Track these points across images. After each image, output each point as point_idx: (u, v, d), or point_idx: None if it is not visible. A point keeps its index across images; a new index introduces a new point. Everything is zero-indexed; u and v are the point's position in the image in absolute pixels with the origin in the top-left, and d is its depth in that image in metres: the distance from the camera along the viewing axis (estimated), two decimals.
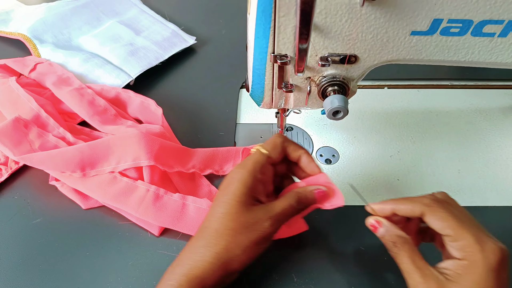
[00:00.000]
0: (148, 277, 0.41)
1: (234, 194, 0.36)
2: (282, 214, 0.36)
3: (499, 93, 0.63)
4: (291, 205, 0.37)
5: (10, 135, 0.47)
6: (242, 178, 0.36)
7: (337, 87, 0.37)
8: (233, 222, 0.35)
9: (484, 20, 0.32)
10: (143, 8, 0.76)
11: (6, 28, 0.68)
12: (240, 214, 0.35)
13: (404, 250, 0.33)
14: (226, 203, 0.36)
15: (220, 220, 0.35)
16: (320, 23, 0.33)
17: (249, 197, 0.36)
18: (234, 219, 0.35)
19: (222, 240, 0.35)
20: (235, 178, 0.37)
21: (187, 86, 0.63)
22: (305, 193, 0.38)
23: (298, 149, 0.40)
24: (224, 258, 0.34)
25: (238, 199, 0.35)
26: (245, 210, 0.35)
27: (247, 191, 0.36)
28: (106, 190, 0.45)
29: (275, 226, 0.36)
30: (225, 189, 0.37)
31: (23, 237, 0.44)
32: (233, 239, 0.35)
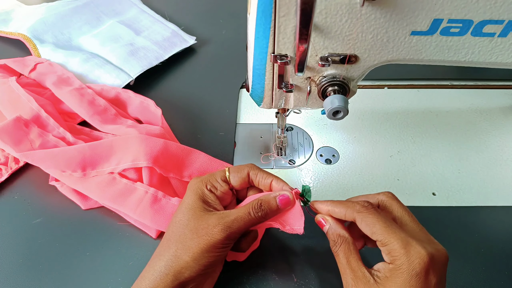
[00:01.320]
0: None
1: (187, 202, 0.36)
2: (235, 221, 0.35)
3: (499, 93, 0.63)
4: (249, 212, 0.35)
5: (11, 134, 0.47)
6: (194, 188, 0.37)
7: (337, 87, 0.37)
8: (183, 228, 0.35)
9: (484, 20, 0.32)
10: (143, 8, 0.76)
11: (6, 28, 0.68)
12: (190, 220, 0.35)
13: (342, 250, 0.33)
14: (180, 212, 0.36)
15: (172, 229, 0.36)
16: (320, 23, 0.33)
17: (200, 204, 0.36)
18: (184, 225, 0.35)
19: (172, 246, 0.34)
20: (188, 188, 0.38)
21: (187, 86, 0.63)
22: (267, 198, 0.36)
23: (268, 177, 0.38)
24: (173, 267, 0.34)
25: (189, 206, 0.36)
26: (196, 217, 0.35)
27: (199, 198, 0.36)
28: (105, 191, 0.45)
29: (226, 232, 0.34)
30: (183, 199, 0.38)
31: (23, 237, 0.44)
32: (182, 245, 0.34)
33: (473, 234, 0.45)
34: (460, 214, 0.47)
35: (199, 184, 0.38)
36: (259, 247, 0.43)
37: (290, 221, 0.37)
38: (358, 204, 0.34)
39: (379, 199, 0.35)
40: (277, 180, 0.38)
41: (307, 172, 0.51)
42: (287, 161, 0.53)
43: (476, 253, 0.43)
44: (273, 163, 0.53)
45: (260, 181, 0.38)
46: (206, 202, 0.37)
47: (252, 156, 0.53)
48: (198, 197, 0.37)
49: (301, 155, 0.54)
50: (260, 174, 0.38)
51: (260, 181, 0.38)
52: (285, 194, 0.36)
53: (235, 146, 0.55)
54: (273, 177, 0.38)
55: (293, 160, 0.53)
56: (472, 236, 0.45)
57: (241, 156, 0.53)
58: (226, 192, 0.38)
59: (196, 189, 0.37)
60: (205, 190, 0.37)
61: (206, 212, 0.35)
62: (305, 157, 0.53)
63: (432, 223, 0.45)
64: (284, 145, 0.54)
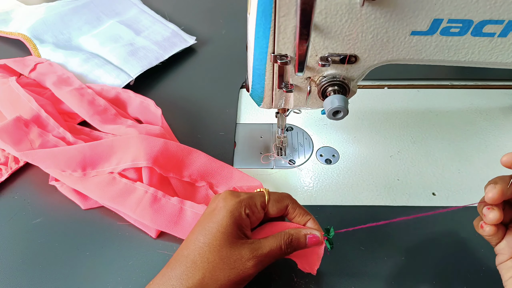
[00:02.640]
0: (148, 277, 0.41)
1: (220, 224, 0.32)
2: (268, 255, 0.33)
3: (499, 93, 0.63)
4: (280, 246, 0.33)
5: (11, 134, 0.47)
6: (231, 208, 0.33)
7: (337, 87, 0.37)
8: (214, 254, 0.32)
9: (484, 20, 0.32)
10: (143, 8, 0.76)
11: (6, 28, 0.68)
12: (222, 247, 0.32)
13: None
14: (209, 232, 0.32)
15: (199, 251, 0.32)
16: (320, 23, 0.33)
17: (235, 229, 0.33)
18: (215, 251, 0.32)
19: (198, 273, 0.31)
20: (223, 206, 0.33)
21: (187, 86, 0.63)
22: (298, 235, 0.34)
23: (306, 216, 0.36)
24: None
25: (223, 230, 0.32)
26: (229, 244, 0.32)
27: (234, 222, 0.33)
28: (105, 190, 0.45)
29: (259, 267, 0.32)
30: (210, 215, 0.33)
31: (23, 237, 0.44)
32: (210, 274, 0.31)
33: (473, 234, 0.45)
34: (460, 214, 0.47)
35: (237, 206, 0.33)
36: None
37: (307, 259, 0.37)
38: None
39: None
40: (313, 221, 0.36)
41: (307, 172, 0.51)
42: (287, 161, 0.53)
43: (476, 253, 0.43)
44: (273, 163, 0.53)
45: (297, 218, 0.36)
46: (241, 227, 0.33)
47: (252, 156, 0.53)
48: (234, 220, 0.33)
49: (301, 155, 0.54)
50: (298, 211, 0.36)
51: (297, 218, 0.36)
52: (316, 234, 0.35)
53: (235, 146, 0.55)
54: (311, 217, 0.36)
55: (293, 160, 0.53)
56: (472, 236, 0.45)
57: (241, 156, 0.53)
58: (259, 218, 0.36)
59: (233, 211, 0.33)
60: (243, 213, 0.33)
61: (239, 240, 0.32)
62: (305, 157, 0.53)
63: (432, 223, 0.45)
64: (284, 145, 0.54)
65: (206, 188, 0.47)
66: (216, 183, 0.48)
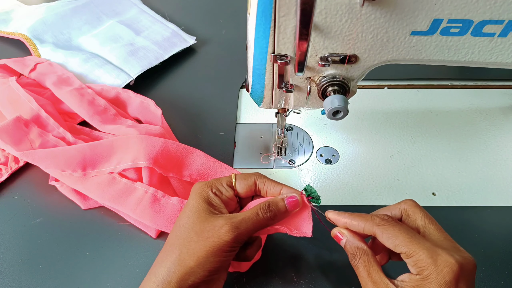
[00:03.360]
0: None
1: (191, 205, 0.35)
2: (243, 221, 0.33)
3: (499, 93, 0.63)
4: (256, 212, 0.34)
5: (11, 134, 0.47)
6: (198, 190, 0.36)
7: (337, 87, 0.37)
8: (188, 230, 0.33)
9: (484, 20, 0.32)
10: (143, 8, 0.76)
11: (6, 28, 0.68)
12: (195, 223, 0.33)
13: (362, 263, 0.32)
14: (183, 216, 0.34)
15: (176, 233, 0.34)
16: (320, 23, 0.33)
17: (205, 206, 0.34)
18: (189, 228, 0.33)
19: (175, 251, 0.33)
20: (193, 191, 0.36)
21: (187, 86, 0.63)
22: (275, 200, 0.35)
23: (277, 185, 0.37)
24: (176, 273, 0.32)
25: (194, 210, 0.34)
26: (202, 219, 0.33)
27: (204, 201, 0.35)
28: (104, 190, 0.45)
29: (234, 233, 0.32)
30: (186, 203, 0.36)
31: (23, 237, 0.44)
32: (186, 248, 0.32)
33: (473, 234, 0.45)
34: (460, 214, 0.47)
35: (204, 187, 0.36)
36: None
37: (297, 225, 0.36)
38: (378, 217, 0.33)
39: (401, 208, 0.34)
40: (287, 187, 0.37)
41: (307, 172, 0.51)
42: (287, 161, 0.53)
43: (476, 253, 0.43)
44: (273, 163, 0.53)
45: (269, 189, 0.37)
46: (211, 204, 0.35)
47: (252, 156, 0.53)
48: (203, 199, 0.35)
49: (301, 155, 0.54)
50: (268, 183, 0.37)
51: (269, 190, 0.37)
52: (294, 195, 0.35)
53: (235, 146, 0.55)
54: (283, 186, 0.37)
55: (293, 160, 0.53)
56: (472, 236, 0.45)
57: (241, 156, 0.53)
58: (231, 198, 0.37)
59: (201, 192, 0.36)
60: (210, 192, 0.36)
61: (212, 215, 0.34)
62: (305, 157, 0.53)
63: None
64: (284, 145, 0.54)
65: None
66: None
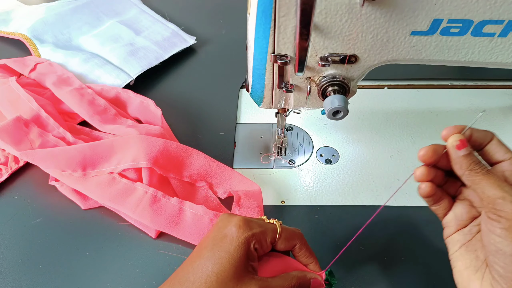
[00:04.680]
0: (148, 277, 0.41)
1: (231, 255, 0.31)
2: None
3: (499, 93, 0.63)
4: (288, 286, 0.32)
5: (11, 133, 0.47)
6: (244, 241, 0.31)
7: (337, 87, 0.37)
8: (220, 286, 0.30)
9: (484, 20, 0.32)
10: (143, 8, 0.76)
11: (6, 28, 0.68)
12: (230, 280, 0.30)
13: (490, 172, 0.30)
14: (219, 261, 0.31)
15: (206, 279, 0.30)
16: (320, 23, 0.33)
17: (245, 262, 0.31)
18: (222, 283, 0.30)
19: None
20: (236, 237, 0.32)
21: (187, 86, 0.63)
22: (304, 279, 0.34)
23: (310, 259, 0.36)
24: None
25: (233, 262, 0.31)
26: (237, 278, 0.30)
27: (245, 255, 0.31)
28: (104, 190, 0.45)
29: None
30: (220, 242, 0.32)
31: (23, 237, 0.44)
32: None
33: None
34: None
35: (249, 239, 0.32)
36: None
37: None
38: None
39: None
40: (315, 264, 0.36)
41: (307, 172, 0.51)
42: (287, 161, 0.53)
43: None
44: (273, 163, 0.53)
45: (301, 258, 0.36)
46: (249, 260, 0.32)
47: (252, 156, 0.53)
48: (245, 252, 0.31)
49: (301, 155, 0.54)
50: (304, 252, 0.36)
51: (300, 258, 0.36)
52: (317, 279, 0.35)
53: (235, 146, 0.55)
54: (314, 260, 0.36)
55: (293, 160, 0.53)
56: None
57: (241, 156, 0.53)
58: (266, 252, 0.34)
59: (245, 244, 0.31)
60: (252, 247, 0.32)
61: (247, 275, 0.31)
62: (305, 157, 0.53)
63: (433, 223, 0.45)
64: (284, 145, 0.54)
65: (206, 188, 0.47)
66: (216, 184, 0.48)
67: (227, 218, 0.34)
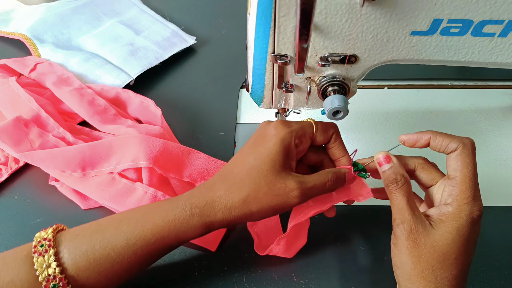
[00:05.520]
0: (148, 277, 0.41)
1: (270, 150, 0.33)
2: (313, 189, 0.34)
3: (499, 93, 0.63)
4: (326, 183, 0.35)
5: (10, 134, 0.47)
6: (284, 137, 0.34)
7: (337, 87, 0.37)
8: (261, 178, 0.33)
9: (484, 20, 0.32)
10: (143, 8, 0.76)
11: (6, 28, 0.68)
12: (269, 172, 0.33)
13: (404, 189, 0.33)
14: (259, 156, 0.33)
15: (248, 171, 0.33)
16: (320, 23, 0.33)
17: (283, 157, 0.33)
18: (262, 175, 0.33)
19: (244, 190, 0.33)
20: (275, 134, 0.34)
21: (187, 86, 0.63)
22: (339, 173, 0.36)
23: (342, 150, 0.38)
24: (237, 210, 0.33)
25: (272, 157, 0.33)
26: (276, 171, 0.33)
27: (284, 150, 0.33)
28: (104, 191, 0.45)
29: (302, 199, 0.34)
30: (261, 140, 0.34)
31: (23, 237, 0.44)
32: (254, 194, 0.33)
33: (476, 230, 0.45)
34: None
35: (288, 136, 0.34)
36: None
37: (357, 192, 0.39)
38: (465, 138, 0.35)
39: None
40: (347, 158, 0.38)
41: None
42: None
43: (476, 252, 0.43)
44: None
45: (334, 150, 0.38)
46: (288, 156, 0.34)
47: None
48: (284, 149, 0.33)
49: None
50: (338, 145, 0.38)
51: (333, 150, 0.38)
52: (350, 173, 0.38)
53: (235, 146, 0.55)
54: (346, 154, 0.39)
55: None
56: None
57: None
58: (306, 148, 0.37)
59: (284, 140, 0.34)
60: (292, 143, 0.34)
61: (285, 169, 0.33)
62: None
63: None
64: None
65: None
66: None
67: (266, 122, 0.37)
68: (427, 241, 0.31)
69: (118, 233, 0.33)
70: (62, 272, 0.30)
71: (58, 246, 0.32)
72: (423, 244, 0.31)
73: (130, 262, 0.33)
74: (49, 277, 0.30)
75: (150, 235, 0.33)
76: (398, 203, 0.33)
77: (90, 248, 0.32)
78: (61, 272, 0.30)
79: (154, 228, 0.33)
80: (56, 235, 0.33)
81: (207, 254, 0.43)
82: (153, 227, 0.33)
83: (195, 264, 0.42)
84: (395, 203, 0.34)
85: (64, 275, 0.30)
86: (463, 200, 0.32)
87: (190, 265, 0.42)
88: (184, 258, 0.42)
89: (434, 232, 0.32)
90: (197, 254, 0.42)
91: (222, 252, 0.43)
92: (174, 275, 0.41)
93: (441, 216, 0.33)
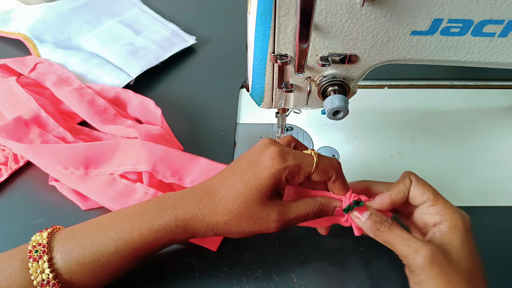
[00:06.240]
0: (148, 277, 0.41)
1: (260, 182, 0.33)
2: (293, 220, 0.35)
3: (499, 93, 0.63)
4: (308, 214, 0.35)
5: (11, 133, 0.47)
6: (277, 172, 0.33)
7: (337, 87, 0.37)
8: (245, 206, 0.34)
9: (484, 20, 0.32)
10: (143, 8, 0.76)
11: (6, 28, 0.68)
12: (254, 203, 0.33)
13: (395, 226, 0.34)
14: (248, 185, 0.34)
15: (234, 197, 0.34)
16: (320, 23, 0.33)
17: (271, 190, 0.34)
18: (247, 204, 0.34)
19: (227, 215, 0.34)
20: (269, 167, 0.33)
21: (187, 86, 0.63)
22: (328, 206, 0.36)
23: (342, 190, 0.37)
24: (219, 230, 0.35)
25: (261, 189, 0.33)
26: (261, 202, 0.34)
27: (274, 184, 0.34)
28: (105, 191, 0.45)
29: (281, 228, 0.35)
30: (253, 167, 0.34)
31: (23, 237, 0.44)
32: (236, 218, 0.34)
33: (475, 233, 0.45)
34: None
35: (282, 171, 0.33)
36: (258, 247, 0.43)
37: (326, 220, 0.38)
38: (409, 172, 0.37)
39: None
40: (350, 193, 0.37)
41: None
42: None
43: None
44: None
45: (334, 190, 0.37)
46: (277, 188, 0.34)
47: None
48: (274, 182, 0.33)
49: None
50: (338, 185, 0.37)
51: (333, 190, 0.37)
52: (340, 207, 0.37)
53: (235, 146, 0.55)
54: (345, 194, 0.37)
55: None
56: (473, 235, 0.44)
57: None
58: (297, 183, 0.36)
59: (277, 176, 0.33)
60: (283, 178, 0.34)
61: (271, 199, 0.34)
62: None
63: None
64: None
65: None
66: None
67: (265, 145, 0.36)
68: (451, 261, 0.31)
69: (107, 240, 0.35)
70: (56, 277, 0.33)
71: (51, 252, 0.34)
72: (448, 267, 0.30)
73: (120, 265, 0.35)
74: (43, 282, 0.32)
75: (137, 242, 0.35)
76: (401, 237, 0.32)
77: (81, 254, 0.34)
78: (54, 277, 0.33)
79: (141, 236, 0.35)
80: (50, 240, 0.35)
81: (207, 254, 0.42)
82: (140, 236, 0.35)
83: (195, 264, 0.42)
84: (397, 239, 0.32)
85: (57, 280, 0.33)
86: (452, 211, 0.33)
87: (190, 265, 0.42)
88: (184, 258, 0.42)
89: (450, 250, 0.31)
90: (197, 254, 0.42)
91: (222, 252, 0.43)
92: (174, 275, 0.41)
93: (443, 234, 0.32)
